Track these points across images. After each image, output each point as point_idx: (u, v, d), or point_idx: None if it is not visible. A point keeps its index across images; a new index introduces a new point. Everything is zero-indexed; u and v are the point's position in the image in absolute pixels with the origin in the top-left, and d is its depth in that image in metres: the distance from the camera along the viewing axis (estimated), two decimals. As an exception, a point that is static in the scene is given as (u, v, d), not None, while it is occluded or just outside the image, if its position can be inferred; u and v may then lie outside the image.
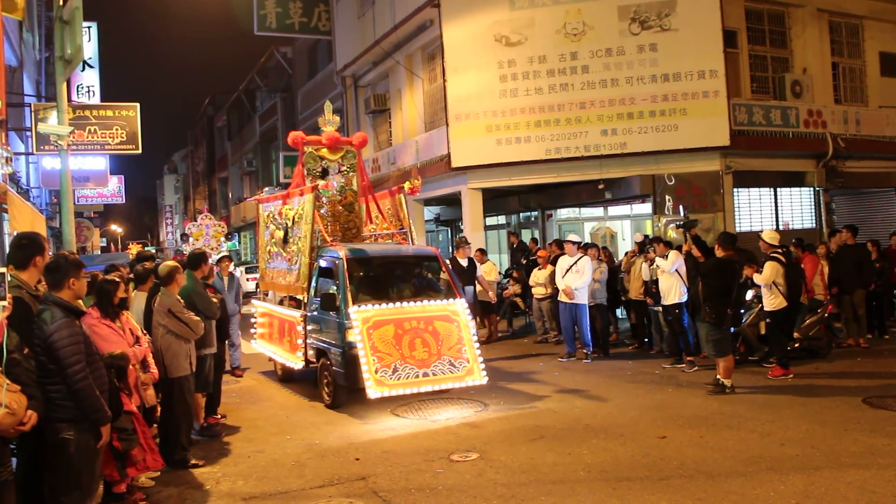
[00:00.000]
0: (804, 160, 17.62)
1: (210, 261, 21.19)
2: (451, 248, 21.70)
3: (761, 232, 11.19)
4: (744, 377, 10.17)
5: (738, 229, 16.09)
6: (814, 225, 18.09)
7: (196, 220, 23.78)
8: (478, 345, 9.42)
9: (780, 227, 17.55)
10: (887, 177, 19.45)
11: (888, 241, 14.85)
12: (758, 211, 17.52)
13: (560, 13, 16.31)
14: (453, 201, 20.11)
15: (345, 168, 11.94)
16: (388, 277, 10.29)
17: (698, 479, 6.22)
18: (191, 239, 22.45)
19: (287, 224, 10.82)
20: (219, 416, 8.86)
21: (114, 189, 35.40)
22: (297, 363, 10.30)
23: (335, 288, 9.52)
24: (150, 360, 6.59)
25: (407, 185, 11.53)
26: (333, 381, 9.33)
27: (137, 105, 17.05)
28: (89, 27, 23.50)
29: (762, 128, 16.49)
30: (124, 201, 39.92)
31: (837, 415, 8.06)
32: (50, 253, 5.09)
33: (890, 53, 19.92)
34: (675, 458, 6.77)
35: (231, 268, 21.43)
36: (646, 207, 17.04)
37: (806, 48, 18.23)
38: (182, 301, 7.29)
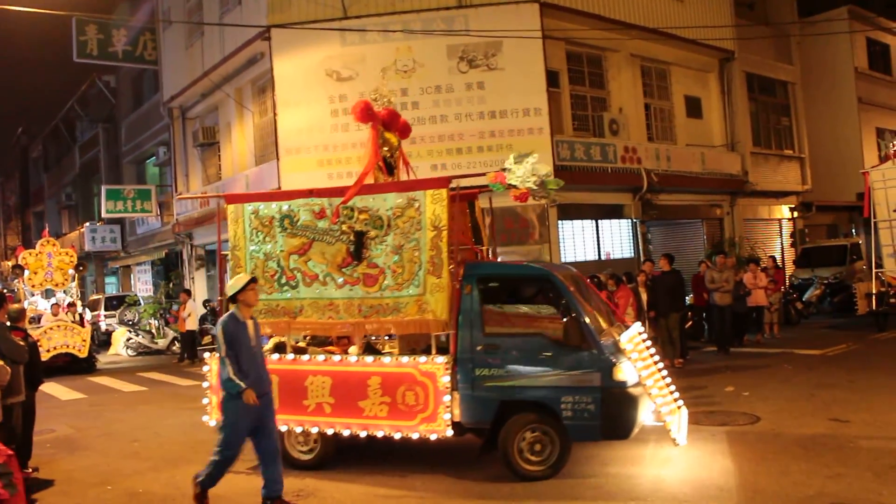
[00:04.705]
0: (622, 193, 18.75)
1: (55, 300, 18.79)
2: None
3: None
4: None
5: (562, 260, 16.84)
6: (633, 254, 19.22)
7: (34, 248, 19.01)
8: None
9: (602, 257, 18.56)
10: (695, 209, 21.10)
11: (697, 269, 16.07)
12: (581, 242, 18.43)
13: (391, 50, 16.60)
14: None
15: (392, 160, 8.95)
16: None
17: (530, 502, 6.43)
18: (26, 272, 18.35)
19: (361, 230, 7.74)
20: (29, 470, 8.21)
21: None
22: (432, 430, 7.20)
23: (566, 315, 7.12)
24: None
25: (516, 190, 7.97)
26: (556, 440, 7.02)
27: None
28: None
29: (583, 163, 17.41)
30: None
31: (655, 432, 8.52)
32: None
33: (693, 97, 21.71)
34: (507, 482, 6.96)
35: (69, 309, 18.61)
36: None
37: (621, 90, 19.49)
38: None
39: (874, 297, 16.33)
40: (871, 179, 16.31)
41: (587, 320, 7.06)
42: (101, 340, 23.88)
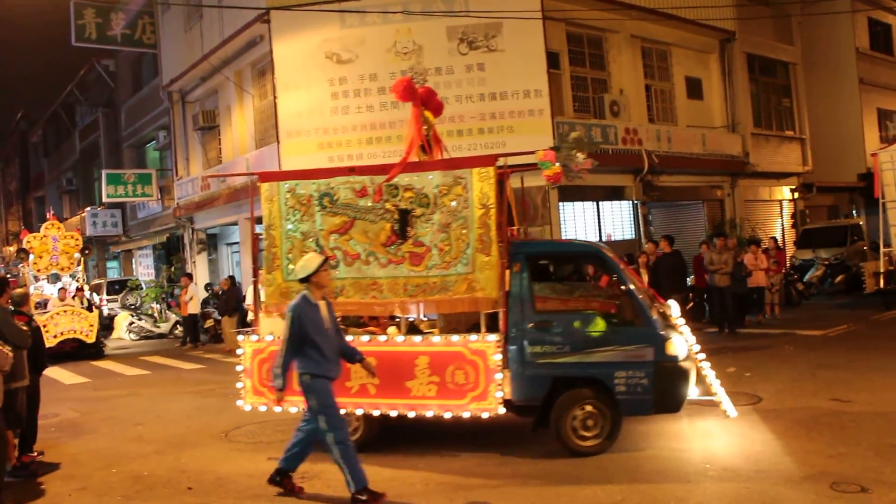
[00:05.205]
0: (623, 175, 18.71)
1: (61, 284, 18.55)
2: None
3: None
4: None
5: (564, 242, 16.83)
6: (634, 236, 19.22)
7: (38, 231, 18.51)
8: None
9: (604, 239, 18.55)
10: (695, 190, 21.07)
11: (698, 250, 16.08)
12: (582, 223, 18.43)
13: (390, 32, 16.52)
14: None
15: (429, 137, 8.79)
16: None
17: (530, 486, 6.46)
18: (31, 256, 17.69)
19: (406, 208, 7.60)
20: (34, 454, 8.25)
21: None
22: (483, 409, 7.15)
23: (621, 293, 7.33)
24: None
25: (550, 171, 7.59)
26: (608, 415, 7.12)
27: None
28: None
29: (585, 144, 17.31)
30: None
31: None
32: None
33: (693, 78, 21.62)
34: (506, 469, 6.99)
35: (77, 294, 18.29)
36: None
37: (622, 71, 19.40)
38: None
39: (882, 275, 16.45)
40: (880, 161, 16.46)
41: (639, 296, 7.15)
42: (104, 325, 23.93)
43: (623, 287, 7.23)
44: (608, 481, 6.39)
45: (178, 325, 21.20)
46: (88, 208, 32.64)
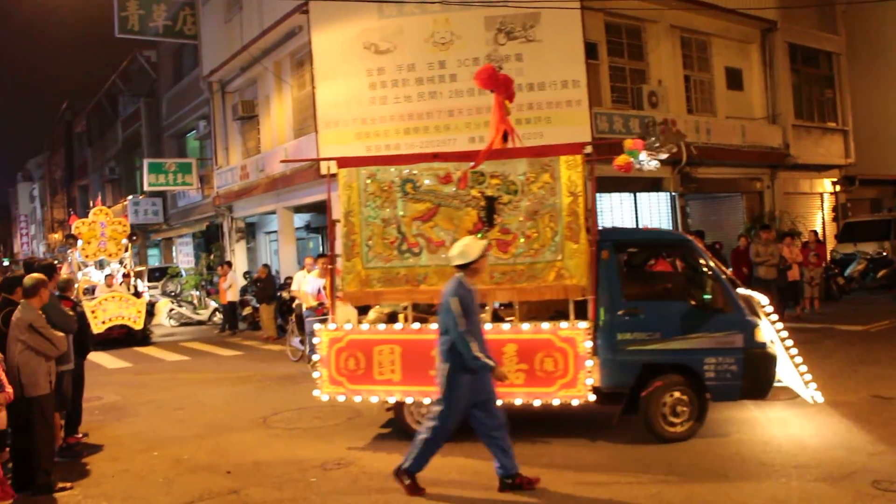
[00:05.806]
0: (661, 166, 18.49)
1: (109, 271, 18.79)
2: (323, 252, 21.49)
3: None
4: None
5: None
6: (671, 228, 19.03)
7: (86, 217, 18.24)
8: None
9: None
10: (734, 182, 20.82)
11: (737, 243, 15.91)
12: (620, 215, 18.31)
13: (428, 22, 16.53)
14: (324, 208, 19.95)
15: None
16: None
17: (565, 477, 6.48)
18: (79, 242, 17.47)
19: (492, 195, 7.57)
20: (79, 435, 8.48)
21: (-42, 198, 33.16)
22: (573, 396, 7.16)
23: (710, 280, 7.38)
24: (4, 378, 6.26)
25: (622, 159, 7.73)
26: (695, 402, 7.19)
27: (-16, 109, 16.01)
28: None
29: (622, 136, 17.22)
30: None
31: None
32: None
33: (734, 68, 21.29)
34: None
35: (124, 280, 18.37)
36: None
37: (661, 61, 19.20)
38: (44, 315, 6.95)
39: None
40: None
41: (728, 283, 7.29)
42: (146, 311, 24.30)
43: (713, 274, 7.31)
44: (644, 473, 6.39)
45: (217, 312, 21.50)
46: (130, 197, 33.20)
